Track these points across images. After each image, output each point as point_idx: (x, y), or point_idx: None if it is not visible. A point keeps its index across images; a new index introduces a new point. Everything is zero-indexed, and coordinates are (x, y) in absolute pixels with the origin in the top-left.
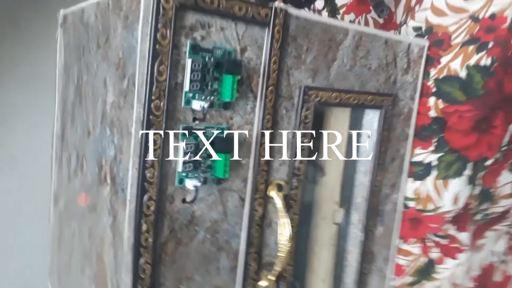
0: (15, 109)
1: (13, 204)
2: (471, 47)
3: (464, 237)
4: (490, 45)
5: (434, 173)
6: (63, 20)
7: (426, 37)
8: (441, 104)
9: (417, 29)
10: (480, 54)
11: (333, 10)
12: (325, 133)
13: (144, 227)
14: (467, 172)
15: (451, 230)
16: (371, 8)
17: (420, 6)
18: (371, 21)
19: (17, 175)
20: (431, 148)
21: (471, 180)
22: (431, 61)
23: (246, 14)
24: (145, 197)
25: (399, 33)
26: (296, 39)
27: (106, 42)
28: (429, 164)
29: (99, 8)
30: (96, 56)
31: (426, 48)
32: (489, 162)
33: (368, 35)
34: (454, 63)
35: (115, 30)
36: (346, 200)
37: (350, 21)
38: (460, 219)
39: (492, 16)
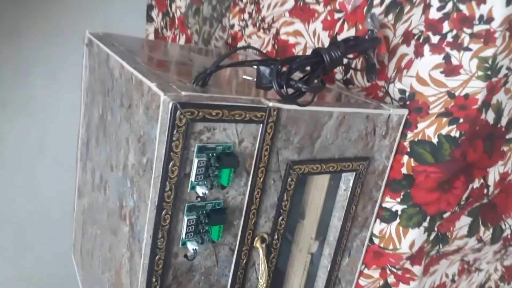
0: (38, 59)
1: (36, 147)
2: (444, 119)
3: (417, 269)
4: (461, 120)
5: (397, 220)
6: (88, 42)
7: (408, 101)
8: (412, 163)
9: (402, 91)
10: (451, 127)
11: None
12: (306, 192)
13: (154, 278)
14: (425, 224)
15: (407, 264)
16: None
17: (407, 71)
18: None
19: (41, 119)
20: (398, 199)
21: (428, 230)
22: (409, 125)
23: (245, 117)
24: (156, 257)
25: (388, 88)
26: (286, 127)
27: (129, 107)
28: (394, 212)
29: (124, 72)
30: (120, 110)
31: (405, 116)
32: (446, 215)
33: (350, 114)
34: (429, 130)
35: (137, 106)
36: (321, 235)
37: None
38: (415, 258)
39: (466, 96)
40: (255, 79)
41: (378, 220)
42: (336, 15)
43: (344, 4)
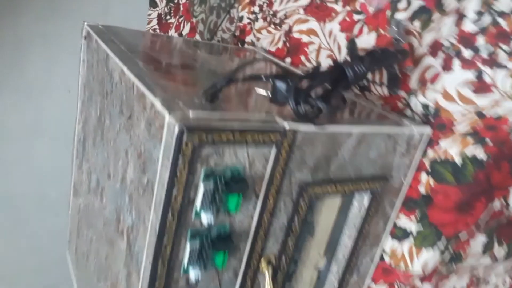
0: (35, 38)
1: (32, 126)
2: (470, 139)
3: (427, 286)
4: (488, 142)
5: (410, 239)
6: (87, 34)
7: (431, 117)
8: (432, 183)
9: (425, 106)
10: (478, 148)
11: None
12: (317, 210)
13: None
14: (440, 245)
15: (417, 281)
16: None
17: (433, 85)
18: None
19: (36, 98)
20: (413, 218)
21: (443, 251)
22: (430, 142)
23: (258, 140)
24: (156, 283)
25: (409, 99)
26: (301, 148)
27: (129, 118)
28: (408, 230)
29: (124, 78)
30: (119, 117)
31: (428, 135)
32: (462, 235)
33: (371, 134)
34: (452, 149)
35: (138, 119)
36: (329, 251)
37: None
38: (426, 276)
39: (497, 117)
40: (270, 93)
41: (389, 237)
42: (356, 17)
43: (365, 5)
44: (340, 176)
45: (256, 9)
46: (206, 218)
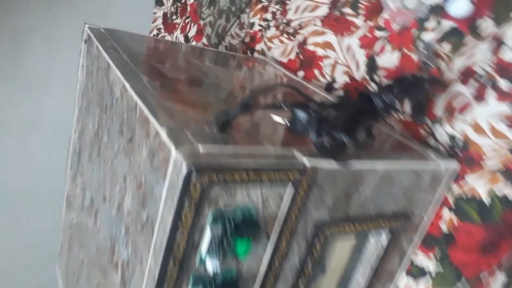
0: (35, 28)
1: (29, 119)
2: (501, 177)
3: None
4: None
5: (427, 278)
6: (87, 38)
7: (458, 150)
8: (455, 221)
9: (451, 137)
10: (509, 187)
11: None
12: (330, 247)
13: None
14: (460, 287)
15: None
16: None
17: (462, 115)
18: None
19: (35, 90)
20: (432, 256)
21: None
22: (456, 177)
23: (274, 179)
24: None
25: (433, 127)
26: (321, 187)
27: (130, 141)
28: (425, 269)
29: (126, 96)
30: (119, 138)
31: (454, 170)
32: (483, 276)
33: (396, 170)
34: (480, 187)
35: (140, 146)
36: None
37: None
38: None
39: None
40: (288, 122)
41: (404, 273)
42: (378, 33)
43: (389, 21)
44: (359, 214)
45: (269, 16)
46: (211, 265)
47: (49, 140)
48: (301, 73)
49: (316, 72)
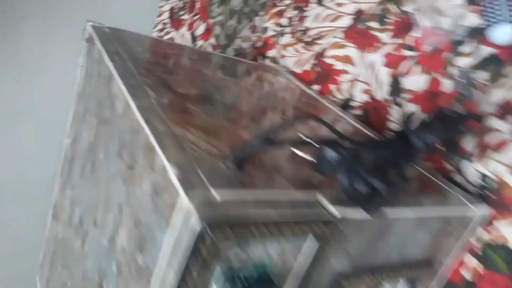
0: (31, 12)
1: (21, 106)
2: None
3: None
4: None
5: None
6: (89, 37)
7: (489, 192)
8: (480, 269)
9: (483, 177)
10: None
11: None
12: None
13: None
14: None
15: None
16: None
17: (497, 154)
18: None
19: (28, 76)
20: None
21: None
22: (485, 222)
23: (295, 231)
24: None
25: (460, 163)
26: (347, 239)
27: (130, 168)
28: None
29: (129, 114)
30: (117, 161)
31: (484, 217)
32: None
33: (426, 218)
34: (510, 235)
35: (142, 177)
36: None
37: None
38: None
39: None
40: (314, 159)
41: None
42: (406, 52)
43: (420, 41)
44: (381, 263)
45: (284, 21)
46: None
47: (38, 128)
48: (315, 87)
49: (333, 87)
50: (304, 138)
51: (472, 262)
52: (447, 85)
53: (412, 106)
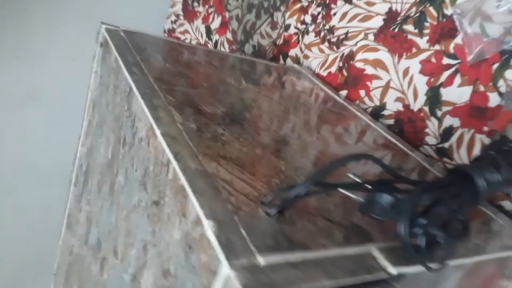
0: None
1: (28, 92)
2: None
3: None
4: None
5: None
6: (103, 41)
7: None
8: None
9: None
10: None
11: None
12: None
13: None
14: None
15: None
16: None
17: None
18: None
19: (35, 62)
20: None
21: None
22: None
23: None
24: None
25: None
26: None
27: (156, 205)
28: None
29: (154, 144)
30: (140, 191)
31: None
32: None
33: (483, 261)
34: None
35: (170, 219)
36: None
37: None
38: None
39: None
40: (362, 200)
41: None
42: (446, 61)
43: (463, 49)
44: None
45: (308, 18)
46: None
47: (48, 114)
48: (343, 92)
49: (362, 93)
50: (356, 179)
51: None
52: (494, 100)
53: (451, 119)
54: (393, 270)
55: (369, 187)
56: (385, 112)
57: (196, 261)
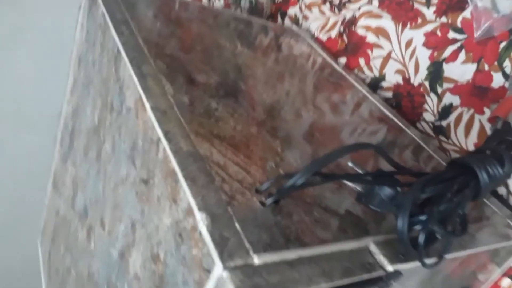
0: None
1: (12, 35)
2: None
3: None
4: None
5: None
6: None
7: None
8: None
9: None
10: None
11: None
12: None
13: None
14: None
15: None
16: None
17: None
18: None
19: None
20: None
21: None
22: None
23: None
24: None
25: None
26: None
27: (145, 183)
28: None
29: (143, 116)
30: (128, 165)
31: None
32: None
33: (477, 253)
34: None
35: (160, 202)
36: None
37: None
38: None
39: None
40: (362, 189)
41: None
42: (452, 35)
43: (471, 23)
44: None
45: None
46: None
47: (34, 53)
48: (343, 60)
49: (362, 61)
50: (356, 168)
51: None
52: (498, 80)
53: (451, 97)
54: (390, 267)
55: (369, 178)
56: (384, 84)
57: (187, 253)
